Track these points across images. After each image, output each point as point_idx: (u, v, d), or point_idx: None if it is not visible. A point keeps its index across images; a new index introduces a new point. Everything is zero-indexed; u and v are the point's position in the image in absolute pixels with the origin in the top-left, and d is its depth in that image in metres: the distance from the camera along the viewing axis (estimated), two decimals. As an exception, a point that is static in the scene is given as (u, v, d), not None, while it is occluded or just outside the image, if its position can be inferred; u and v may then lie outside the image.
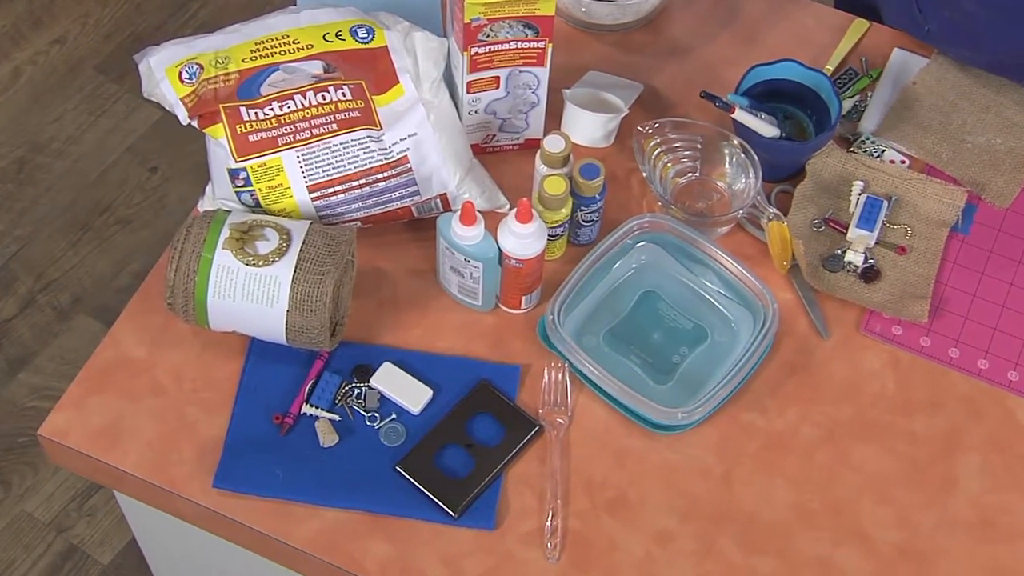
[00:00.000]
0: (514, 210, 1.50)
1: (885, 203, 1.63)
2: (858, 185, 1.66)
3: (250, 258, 1.48)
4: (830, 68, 1.76)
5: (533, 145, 1.71)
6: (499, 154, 1.71)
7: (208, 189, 1.62)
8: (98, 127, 2.84)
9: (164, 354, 1.56)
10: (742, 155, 1.61)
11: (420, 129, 1.57)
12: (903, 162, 1.69)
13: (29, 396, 2.54)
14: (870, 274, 1.61)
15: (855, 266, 1.62)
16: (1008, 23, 1.62)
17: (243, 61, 1.58)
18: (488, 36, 1.54)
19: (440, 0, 1.80)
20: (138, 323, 1.58)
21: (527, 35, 1.55)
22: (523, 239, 1.50)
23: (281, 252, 1.48)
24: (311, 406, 1.52)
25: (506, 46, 1.56)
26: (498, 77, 1.60)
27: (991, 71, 1.72)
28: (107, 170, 2.79)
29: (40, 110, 2.86)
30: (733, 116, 1.60)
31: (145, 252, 2.69)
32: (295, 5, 1.69)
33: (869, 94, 1.74)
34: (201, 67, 1.58)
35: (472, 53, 1.56)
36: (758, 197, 1.60)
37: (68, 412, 1.52)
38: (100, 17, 2.99)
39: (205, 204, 1.61)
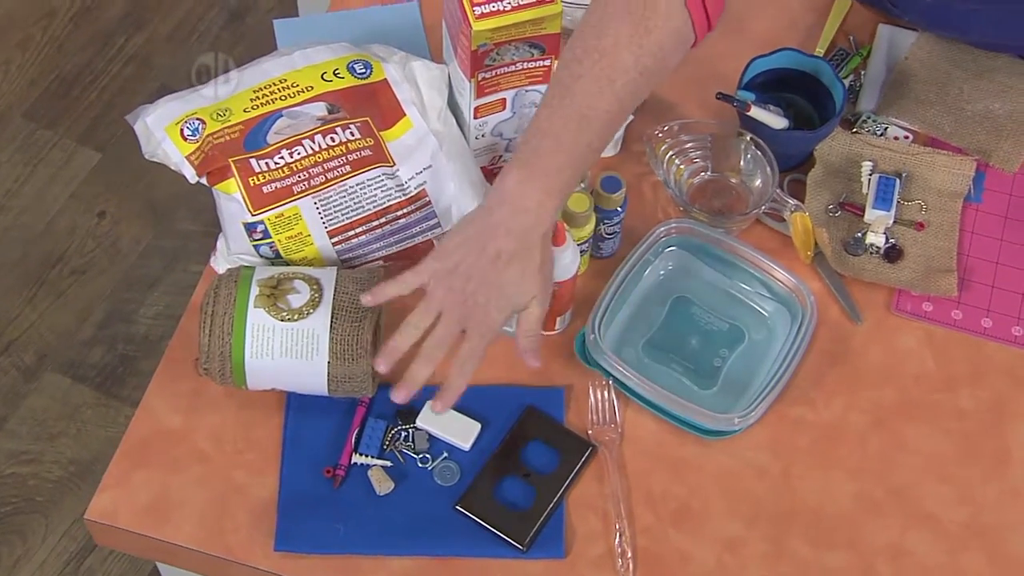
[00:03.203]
0: (546, 233, 1.47)
1: (897, 181, 1.63)
2: (867, 165, 1.66)
3: (284, 313, 1.44)
4: (820, 50, 1.76)
5: (538, 161, 1.68)
6: (505, 174, 1.69)
7: (220, 245, 1.57)
8: (37, 177, 2.76)
9: (201, 420, 1.52)
10: (755, 150, 1.60)
11: (434, 160, 1.54)
12: (906, 137, 1.70)
13: (6, 463, 2.47)
14: (893, 253, 1.61)
15: (877, 247, 1.62)
16: (996, 13, 1.63)
17: (244, 111, 1.54)
18: (494, 60, 1.52)
19: (423, 24, 1.77)
20: (168, 391, 1.53)
21: (533, 54, 1.53)
22: (558, 262, 1.48)
23: (315, 304, 1.45)
24: (360, 455, 1.49)
25: (512, 68, 1.53)
26: (504, 99, 1.57)
27: (980, 48, 1.73)
28: (53, 220, 2.71)
29: (-28, 166, 2.77)
30: (748, 113, 1.59)
31: (105, 300, 2.62)
32: (222, 38, 1.64)
33: (862, 72, 1.74)
34: (203, 122, 1.53)
35: (479, 79, 1.53)
36: (776, 190, 1.59)
37: (113, 492, 1.47)
38: (22, 62, 2.89)
39: (219, 261, 1.56)
